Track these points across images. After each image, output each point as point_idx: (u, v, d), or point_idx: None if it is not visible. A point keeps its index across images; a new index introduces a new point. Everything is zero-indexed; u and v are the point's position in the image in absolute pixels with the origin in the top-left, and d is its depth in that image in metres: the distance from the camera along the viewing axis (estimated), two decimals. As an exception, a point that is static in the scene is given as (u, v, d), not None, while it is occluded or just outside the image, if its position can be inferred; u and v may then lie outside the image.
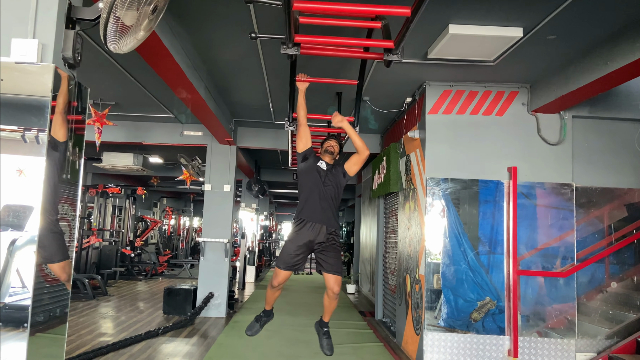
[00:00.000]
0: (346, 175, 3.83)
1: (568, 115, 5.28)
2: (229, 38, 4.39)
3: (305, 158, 3.79)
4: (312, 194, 3.69)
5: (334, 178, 3.77)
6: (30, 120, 2.04)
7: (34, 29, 2.04)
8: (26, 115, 2.06)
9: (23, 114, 2.07)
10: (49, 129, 2.03)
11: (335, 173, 3.80)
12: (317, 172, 3.74)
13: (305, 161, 3.79)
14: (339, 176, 3.81)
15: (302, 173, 3.80)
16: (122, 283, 11.67)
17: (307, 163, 3.78)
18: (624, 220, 5.34)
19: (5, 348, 2.08)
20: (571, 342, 5.04)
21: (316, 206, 3.66)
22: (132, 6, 2.10)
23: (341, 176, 3.82)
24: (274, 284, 3.78)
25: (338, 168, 3.84)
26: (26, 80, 2.06)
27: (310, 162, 3.78)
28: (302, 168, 3.80)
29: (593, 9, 3.53)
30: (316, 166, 3.76)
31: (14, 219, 2.23)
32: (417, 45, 4.35)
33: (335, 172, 3.81)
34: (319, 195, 3.68)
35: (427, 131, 5.33)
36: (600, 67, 4.07)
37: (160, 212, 18.97)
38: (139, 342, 5.92)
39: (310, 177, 3.73)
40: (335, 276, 3.66)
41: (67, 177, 2.20)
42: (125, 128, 7.93)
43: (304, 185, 3.76)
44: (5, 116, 2.05)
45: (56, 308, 2.28)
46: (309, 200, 3.69)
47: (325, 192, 3.70)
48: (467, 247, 5.22)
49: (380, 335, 6.75)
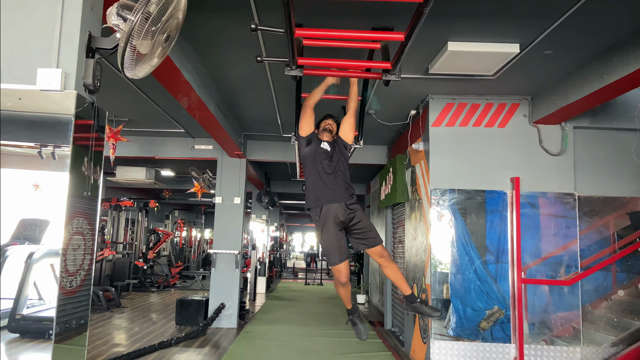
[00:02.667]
0: (347, 146, 3.83)
1: (569, 126, 5.38)
2: (238, 58, 4.57)
3: (309, 142, 3.75)
4: (320, 177, 3.63)
5: (339, 155, 3.73)
6: (54, 137, 2.21)
7: (58, 59, 2.22)
8: (49, 132, 2.24)
9: (45, 132, 2.25)
10: (72, 145, 2.19)
11: (338, 149, 3.77)
12: (324, 154, 3.69)
13: (309, 145, 3.74)
14: (342, 151, 3.79)
15: (307, 157, 3.75)
16: (135, 295, 11.85)
17: (310, 147, 3.73)
18: (627, 228, 5.41)
19: (28, 358, 2.24)
20: (577, 350, 5.10)
21: (326, 188, 3.59)
22: (147, 36, 2.28)
23: (344, 149, 3.81)
24: (341, 281, 3.62)
25: (338, 143, 3.81)
26: (50, 104, 2.24)
27: (314, 146, 3.73)
28: (306, 153, 3.75)
29: (587, 25, 3.67)
30: (320, 148, 3.72)
31: (31, 233, 2.36)
32: (419, 61, 4.50)
33: (338, 148, 3.78)
34: (327, 175, 3.62)
35: (430, 143, 5.46)
36: (597, 80, 4.19)
37: (172, 225, 19.20)
38: (152, 352, 6.07)
39: (316, 161, 3.68)
40: (375, 248, 3.57)
41: (88, 194, 2.36)
42: (138, 143, 8.16)
43: (311, 169, 3.70)
44: (28, 133, 2.24)
45: (72, 320, 2.42)
46: (317, 184, 3.64)
47: (335, 172, 3.64)
48: (474, 257, 5.31)
49: (389, 345, 6.84)
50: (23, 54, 2.21)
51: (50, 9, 2.24)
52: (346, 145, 3.83)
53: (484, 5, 3.43)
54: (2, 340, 2.39)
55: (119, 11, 2.32)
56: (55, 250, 2.35)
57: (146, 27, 2.23)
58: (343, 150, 3.79)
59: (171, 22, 2.40)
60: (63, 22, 2.24)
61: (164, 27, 2.36)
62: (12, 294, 2.43)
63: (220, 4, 3.54)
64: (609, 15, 3.52)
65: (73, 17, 2.26)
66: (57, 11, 2.24)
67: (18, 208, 2.31)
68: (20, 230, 2.35)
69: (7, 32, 2.22)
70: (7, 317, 2.42)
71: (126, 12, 2.30)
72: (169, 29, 2.41)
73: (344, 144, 3.82)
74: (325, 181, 3.61)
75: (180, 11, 2.43)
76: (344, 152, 3.79)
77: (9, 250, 2.37)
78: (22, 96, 2.20)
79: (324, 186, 3.60)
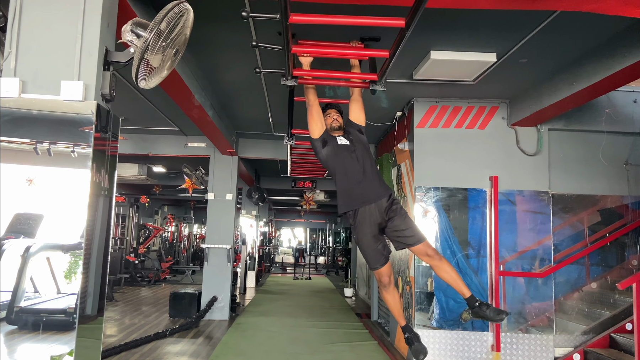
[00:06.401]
0: (362, 129, 3.55)
1: (544, 128, 5.73)
2: (233, 62, 4.83)
3: (324, 142, 3.42)
4: (347, 176, 3.35)
5: (359, 144, 3.44)
6: (77, 136, 2.44)
7: (79, 72, 2.48)
8: (71, 131, 2.47)
9: (68, 130, 2.47)
10: (93, 144, 2.43)
11: (356, 138, 3.46)
12: (345, 150, 3.39)
13: (326, 146, 3.41)
14: (361, 138, 3.49)
15: (328, 159, 3.43)
16: (126, 289, 12.06)
17: (328, 148, 3.41)
18: (598, 224, 5.79)
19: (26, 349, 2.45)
20: (550, 338, 5.47)
21: (359, 187, 3.31)
22: (158, 51, 2.54)
23: (361, 135, 3.51)
24: (383, 282, 3.31)
25: (352, 130, 3.52)
26: (72, 111, 2.49)
27: (331, 145, 3.42)
28: (325, 154, 3.43)
29: (557, 37, 4.00)
30: (340, 145, 3.41)
31: (25, 227, 2.46)
32: (404, 67, 4.81)
33: (355, 136, 3.47)
34: (354, 172, 3.33)
35: (415, 143, 5.78)
36: (568, 87, 4.53)
37: (162, 220, 19.37)
38: (148, 342, 6.33)
39: (340, 159, 3.38)
40: (419, 246, 3.21)
41: (105, 193, 2.62)
42: (132, 140, 8.36)
43: (336, 170, 3.40)
44: (54, 132, 2.46)
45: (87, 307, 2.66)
46: (346, 185, 3.36)
47: (362, 165, 3.34)
48: (457, 251, 5.65)
49: (376, 335, 7.17)
50: (48, 67, 2.46)
51: (72, 27, 2.49)
52: (361, 129, 3.55)
53: (463, 19, 3.73)
54: (2, 331, 2.47)
55: (132, 28, 2.58)
56: (52, 244, 2.54)
57: (159, 44, 2.49)
58: (361, 137, 3.50)
59: (180, 38, 2.67)
60: (83, 38, 2.49)
61: (174, 42, 2.63)
62: (10, 287, 2.47)
63: (216, 13, 3.80)
64: (578, 29, 3.85)
65: (92, 34, 2.51)
66: (78, 29, 2.49)
67: (12, 202, 2.39)
68: (14, 224, 2.46)
69: (33, 47, 2.47)
70: (5, 310, 2.49)
71: (139, 29, 2.56)
72: (177, 44, 2.67)
73: (358, 127, 3.54)
74: (353, 180, 3.33)
75: (188, 28, 2.70)
76: (362, 139, 3.49)
77: (6, 244, 2.48)
78: (47, 105, 2.45)
79: (354, 185, 3.33)
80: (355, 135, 3.49)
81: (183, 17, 2.60)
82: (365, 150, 3.45)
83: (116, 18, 2.75)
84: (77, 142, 2.46)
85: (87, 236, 2.44)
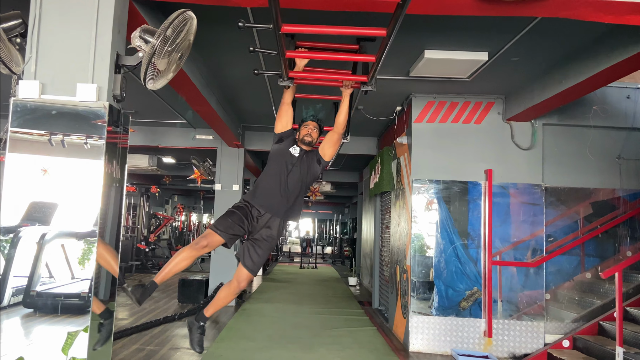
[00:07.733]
0: (321, 161, 3.47)
1: (539, 123, 5.92)
2: (238, 59, 5.07)
3: (280, 140, 3.44)
4: (278, 183, 3.34)
5: (305, 168, 3.40)
6: (91, 128, 2.68)
7: (93, 75, 2.73)
8: (85, 125, 2.70)
9: (82, 123, 2.70)
10: (105, 137, 2.68)
11: (308, 162, 3.43)
12: (290, 158, 3.39)
13: (279, 143, 3.44)
14: (312, 163, 3.44)
15: (274, 155, 3.45)
16: (137, 276, 12.44)
17: (279, 146, 3.43)
18: (590, 216, 5.98)
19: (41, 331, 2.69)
20: (540, 325, 5.69)
21: (276, 198, 3.32)
22: (165, 56, 2.79)
23: (315, 163, 3.46)
24: (200, 243, 3.28)
25: (312, 155, 3.47)
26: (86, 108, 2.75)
27: (284, 146, 3.43)
28: (274, 150, 3.46)
29: (546, 37, 4.18)
30: (289, 152, 3.41)
31: (40, 215, 2.57)
32: (400, 65, 5.02)
33: (308, 160, 3.43)
34: (284, 185, 3.33)
35: (413, 137, 5.99)
36: (558, 85, 4.72)
37: (172, 209, 19.77)
38: (158, 325, 6.65)
39: (281, 163, 3.38)
40: (245, 271, 3.43)
41: (116, 184, 2.89)
42: (143, 133, 8.65)
43: (273, 170, 3.40)
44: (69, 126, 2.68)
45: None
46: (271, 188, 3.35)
47: (294, 184, 3.35)
48: (456, 241, 5.87)
49: (375, 321, 7.44)
50: (64, 71, 2.72)
51: (87, 34, 2.74)
52: (320, 160, 3.48)
53: (454, 21, 3.93)
54: (19, 315, 2.63)
55: (141, 35, 2.83)
56: (66, 232, 2.69)
57: (165, 49, 2.74)
58: (312, 166, 3.45)
59: (184, 43, 2.91)
60: (97, 44, 2.74)
61: (179, 47, 2.87)
62: (26, 272, 2.62)
63: (223, 17, 4.03)
64: (561, 32, 4.04)
65: (104, 40, 2.77)
66: (92, 35, 2.74)
67: (28, 191, 2.57)
68: (30, 213, 2.59)
69: (51, 53, 2.73)
70: (21, 294, 2.63)
71: (147, 36, 2.81)
72: (182, 49, 2.92)
73: (318, 158, 3.49)
74: (277, 188, 3.33)
75: (192, 34, 2.93)
76: (313, 168, 3.45)
77: (22, 231, 2.61)
78: (64, 105, 2.71)
79: (275, 193, 3.33)
80: (310, 160, 3.45)
81: (187, 24, 2.84)
82: (307, 176, 3.42)
83: (126, 24, 3.00)
84: (89, 134, 2.70)
85: (100, 224, 2.70)
